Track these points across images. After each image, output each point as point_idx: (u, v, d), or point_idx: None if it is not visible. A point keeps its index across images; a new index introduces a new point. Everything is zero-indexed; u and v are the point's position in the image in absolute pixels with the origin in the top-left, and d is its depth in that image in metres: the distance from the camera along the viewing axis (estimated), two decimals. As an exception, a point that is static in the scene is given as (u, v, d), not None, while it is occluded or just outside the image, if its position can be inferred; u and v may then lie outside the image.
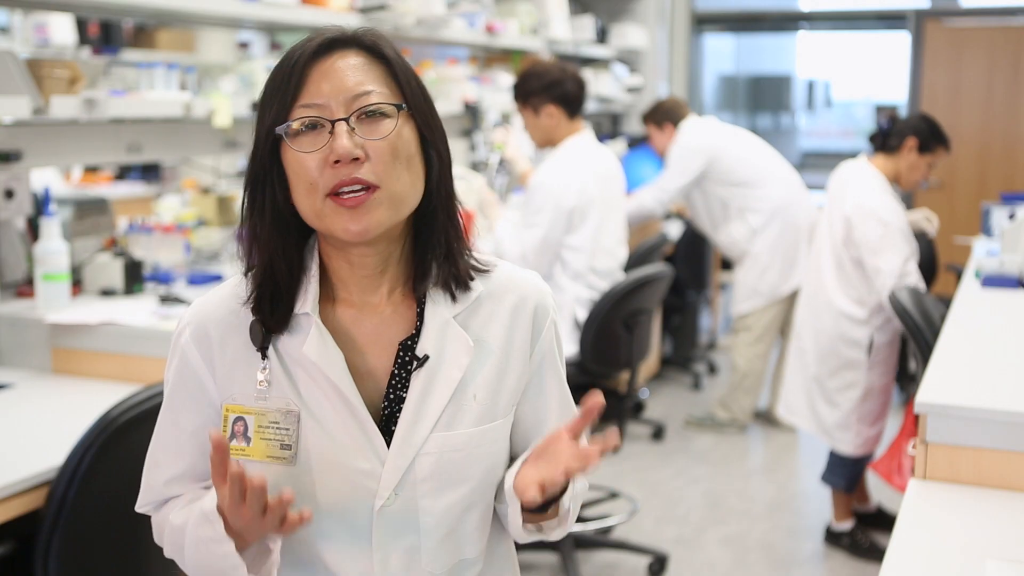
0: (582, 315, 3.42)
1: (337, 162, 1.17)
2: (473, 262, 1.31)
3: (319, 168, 1.17)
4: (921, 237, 4.01)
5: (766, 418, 5.06)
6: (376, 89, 1.20)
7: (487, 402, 1.27)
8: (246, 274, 1.27)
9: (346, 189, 1.17)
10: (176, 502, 1.31)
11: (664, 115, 4.93)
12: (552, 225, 3.34)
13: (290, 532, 1.17)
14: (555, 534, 1.31)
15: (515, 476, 1.23)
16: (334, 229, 1.19)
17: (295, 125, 1.18)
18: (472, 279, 1.29)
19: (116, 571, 1.96)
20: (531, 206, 3.38)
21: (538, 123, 3.48)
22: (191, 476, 1.30)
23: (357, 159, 1.17)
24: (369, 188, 1.18)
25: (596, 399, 1.16)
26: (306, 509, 1.16)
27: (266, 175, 1.22)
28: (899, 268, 3.41)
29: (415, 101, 1.23)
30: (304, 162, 1.18)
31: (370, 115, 1.19)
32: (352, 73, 1.20)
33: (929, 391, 2.02)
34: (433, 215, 1.26)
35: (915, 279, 3.43)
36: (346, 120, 1.18)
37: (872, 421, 3.60)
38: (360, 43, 1.23)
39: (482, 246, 3.29)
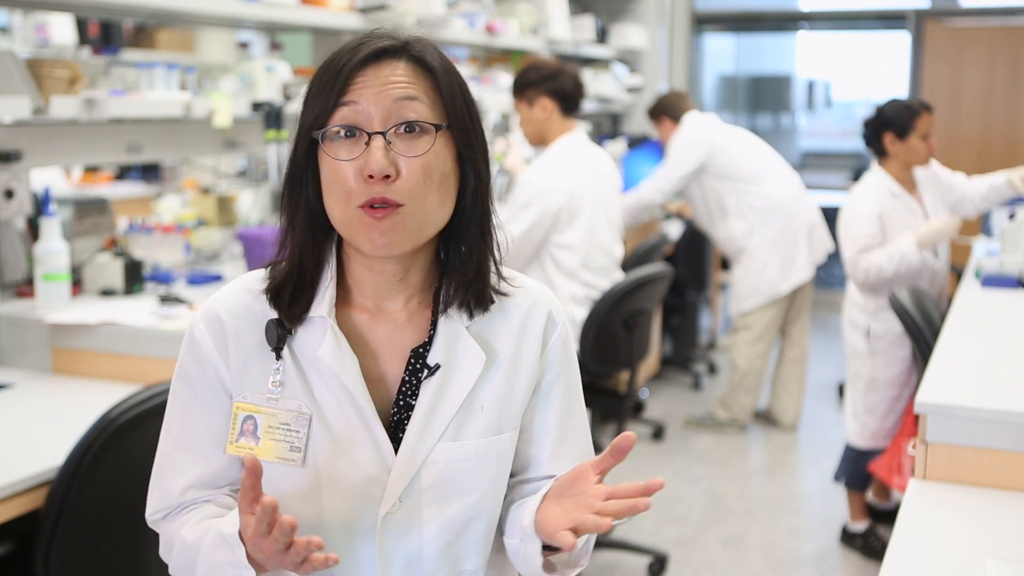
0: (579, 313, 3.42)
1: (371, 176, 1.16)
2: (502, 284, 1.29)
3: (355, 178, 1.17)
4: None
5: (766, 418, 5.06)
6: (418, 104, 1.19)
7: (495, 414, 1.27)
8: (270, 267, 1.26)
9: (377, 204, 1.17)
10: (188, 516, 1.27)
11: (661, 109, 4.96)
12: (536, 223, 3.35)
13: (309, 572, 1.12)
14: (568, 573, 1.26)
15: (536, 513, 1.20)
16: (360, 241, 1.19)
17: (333, 130, 1.18)
18: (494, 301, 1.28)
19: (116, 571, 1.96)
20: (518, 202, 3.38)
21: (531, 116, 3.50)
22: (209, 477, 1.27)
23: (388, 176, 1.17)
24: (394, 205, 1.17)
25: (627, 439, 1.12)
26: (333, 555, 1.10)
27: (302, 174, 1.22)
28: (852, 255, 3.52)
29: (457, 119, 1.22)
30: (340, 170, 1.18)
31: (408, 130, 1.18)
32: (396, 85, 1.19)
33: (929, 391, 2.02)
34: (466, 232, 1.25)
35: (868, 264, 3.47)
36: (383, 134, 1.17)
37: (881, 414, 3.57)
38: (409, 53, 1.22)
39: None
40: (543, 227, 3.36)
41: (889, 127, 3.56)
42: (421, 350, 1.26)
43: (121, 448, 1.86)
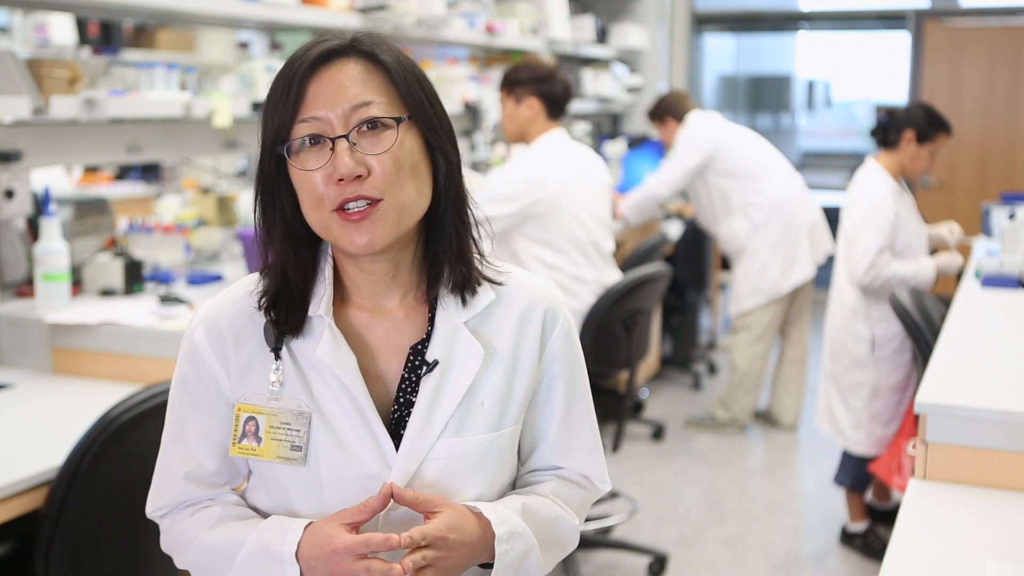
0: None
1: (341, 180, 1.17)
2: (487, 270, 1.30)
3: (324, 184, 1.18)
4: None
5: (766, 418, 5.06)
6: (376, 100, 1.19)
7: (495, 410, 1.27)
8: (261, 272, 1.27)
9: (351, 205, 1.18)
10: (197, 517, 1.29)
11: (664, 110, 4.96)
12: (509, 213, 3.29)
13: None
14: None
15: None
16: (341, 242, 1.20)
17: (297, 143, 1.18)
18: (480, 284, 1.28)
19: (116, 571, 1.96)
20: (493, 189, 3.33)
21: (516, 113, 3.48)
22: (205, 476, 1.30)
23: (360, 176, 1.17)
24: (373, 201, 1.18)
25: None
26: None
27: (274, 188, 1.23)
28: (871, 257, 3.45)
29: (417, 107, 1.22)
30: (310, 179, 1.18)
31: (371, 128, 1.19)
32: (351, 84, 1.19)
33: (929, 391, 2.02)
34: (443, 217, 1.26)
35: (889, 273, 3.44)
36: (346, 136, 1.17)
37: (885, 421, 3.56)
38: (359, 51, 1.22)
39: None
40: (516, 218, 3.32)
41: (913, 125, 3.58)
42: (420, 347, 1.27)
43: (121, 448, 1.86)
